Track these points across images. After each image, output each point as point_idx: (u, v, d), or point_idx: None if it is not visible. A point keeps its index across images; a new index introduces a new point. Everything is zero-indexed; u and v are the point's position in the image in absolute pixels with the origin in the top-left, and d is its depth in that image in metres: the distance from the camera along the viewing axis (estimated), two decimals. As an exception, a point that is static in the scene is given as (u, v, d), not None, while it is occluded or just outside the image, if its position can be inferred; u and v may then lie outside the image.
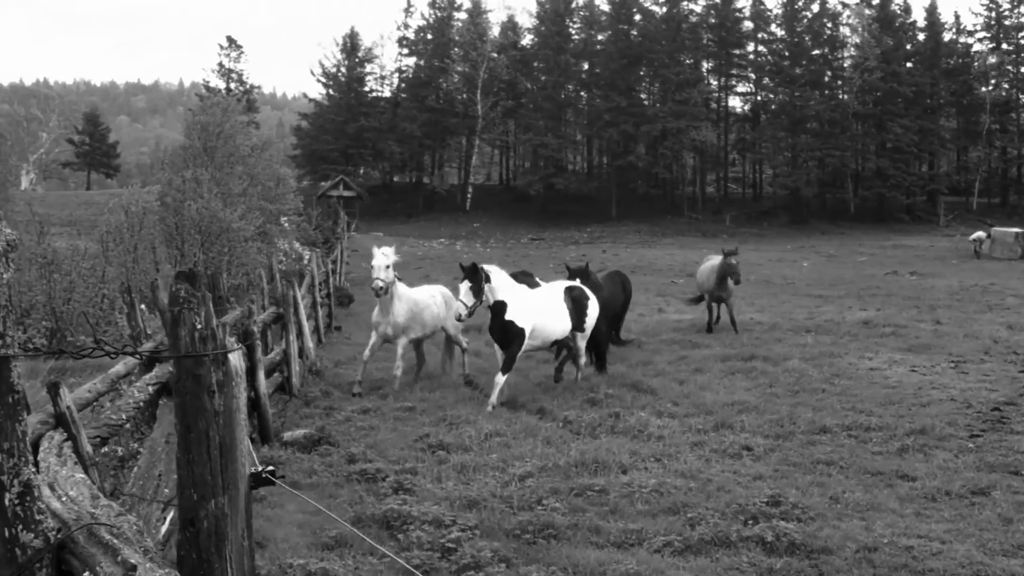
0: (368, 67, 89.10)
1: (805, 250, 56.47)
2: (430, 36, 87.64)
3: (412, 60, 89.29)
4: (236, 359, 4.07)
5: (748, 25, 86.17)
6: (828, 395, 13.64)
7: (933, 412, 12.29)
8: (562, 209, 77.07)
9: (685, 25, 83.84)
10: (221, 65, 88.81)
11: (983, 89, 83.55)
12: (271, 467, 4.34)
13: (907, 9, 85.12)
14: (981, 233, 50.20)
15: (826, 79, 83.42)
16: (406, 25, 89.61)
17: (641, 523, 7.97)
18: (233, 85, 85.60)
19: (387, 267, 14.27)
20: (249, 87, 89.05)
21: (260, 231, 29.24)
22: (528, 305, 13.68)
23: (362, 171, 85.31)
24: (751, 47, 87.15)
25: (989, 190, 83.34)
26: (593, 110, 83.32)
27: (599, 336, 15.17)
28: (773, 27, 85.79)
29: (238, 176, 30.68)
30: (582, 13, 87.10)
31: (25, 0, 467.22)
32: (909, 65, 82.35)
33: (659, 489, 8.81)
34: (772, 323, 22.23)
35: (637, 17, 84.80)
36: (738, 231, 70.20)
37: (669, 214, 77.27)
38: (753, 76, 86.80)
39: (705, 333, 20.49)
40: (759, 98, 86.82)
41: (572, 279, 15.68)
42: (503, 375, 13.22)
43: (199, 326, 3.87)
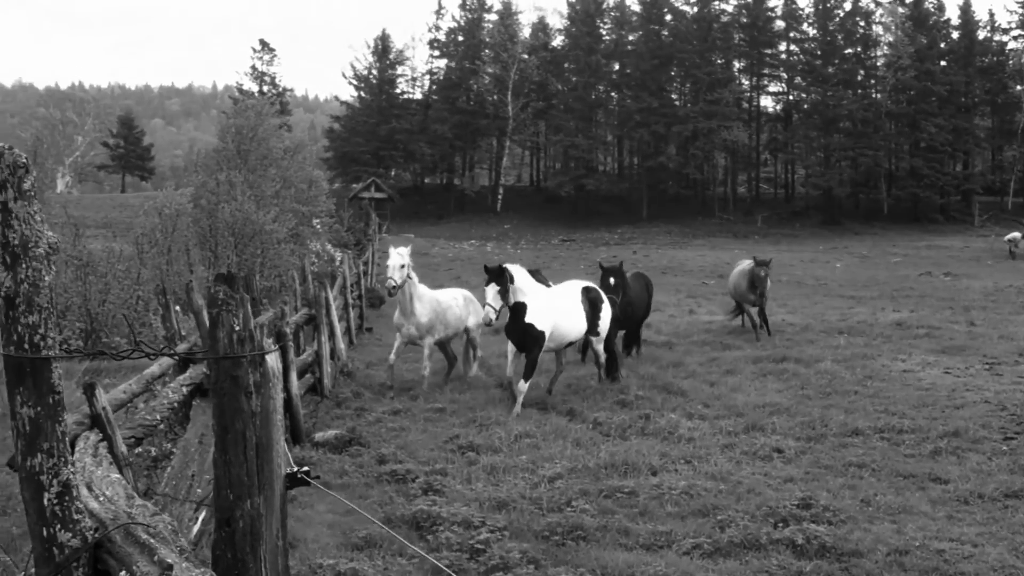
0: (399, 69, 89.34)
1: (838, 251, 55.97)
2: (461, 38, 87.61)
3: (443, 62, 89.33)
4: (273, 360, 4.12)
5: (780, 24, 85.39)
6: (860, 397, 13.56)
7: (967, 414, 12.20)
8: (593, 210, 76.86)
9: (716, 25, 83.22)
10: (254, 68, 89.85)
11: (1018, 88, 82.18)
12: (306, 468, 4.37)
13: (941, 7, 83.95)
14: (1016, 234, 49.52)
15: (859, 78, 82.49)
16: (437, 27, 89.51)
17: (670, 525, 7.98)
18: (266, 88, 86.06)
19: (401, 266, 14.24)
20: (282, 90, 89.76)
21: (293, 233, 29.39)
22: (547, 307, 13.37)
23: (393, 173, 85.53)
24: (783, 46, 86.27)
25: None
26: (624, 111, 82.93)
27: (609, 342, 14.90)
28: (805, 26, 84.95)
29: (271, 178, 30.84)
30: (613, 14, 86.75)
31: (25, 0, 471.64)
32: (943, 63, 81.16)
33: (689, 491, 8.82)
34: (804, 324, 22.10)
35: (668, 17, 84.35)
36: (770, 232, 69.74)
37: (700, 215, 76.79)
38: (785, 75, 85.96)
39: (737, 335, 20.41)
40: (791, 98, 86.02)
41: (606, 278, 15.53)
42: (525, 382, 13.00)
43: (237, 328, 3.90)
